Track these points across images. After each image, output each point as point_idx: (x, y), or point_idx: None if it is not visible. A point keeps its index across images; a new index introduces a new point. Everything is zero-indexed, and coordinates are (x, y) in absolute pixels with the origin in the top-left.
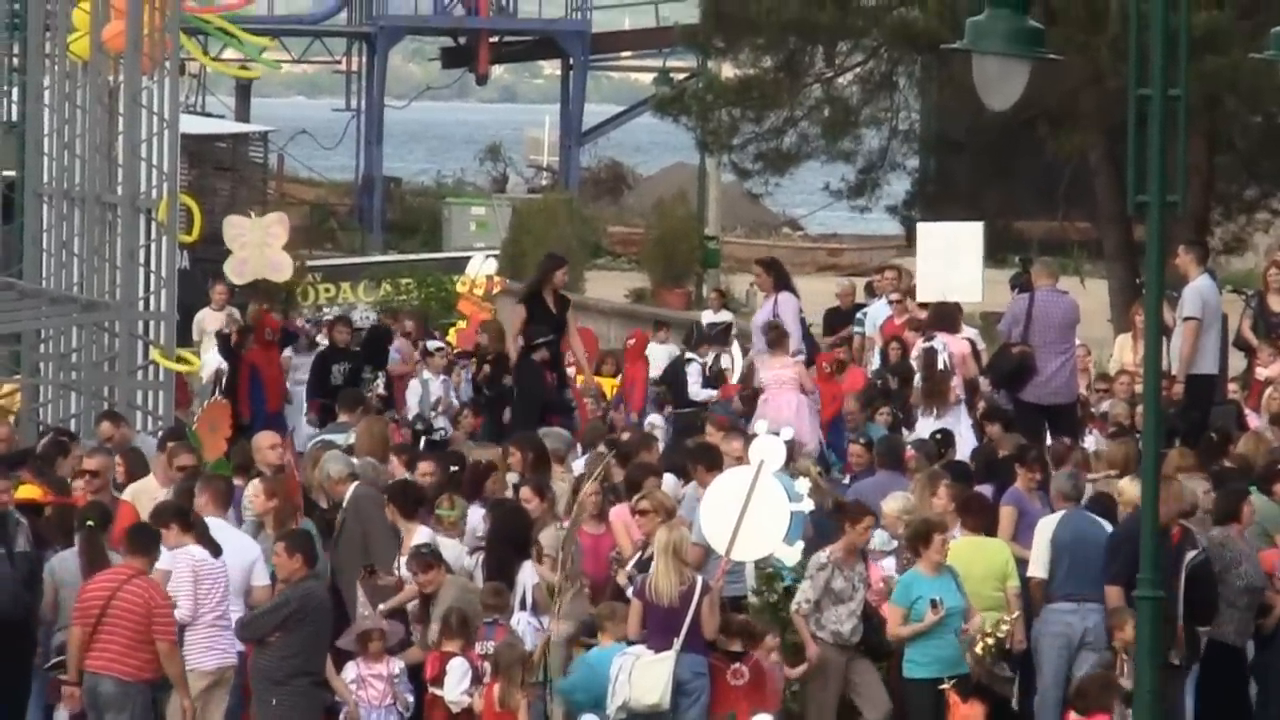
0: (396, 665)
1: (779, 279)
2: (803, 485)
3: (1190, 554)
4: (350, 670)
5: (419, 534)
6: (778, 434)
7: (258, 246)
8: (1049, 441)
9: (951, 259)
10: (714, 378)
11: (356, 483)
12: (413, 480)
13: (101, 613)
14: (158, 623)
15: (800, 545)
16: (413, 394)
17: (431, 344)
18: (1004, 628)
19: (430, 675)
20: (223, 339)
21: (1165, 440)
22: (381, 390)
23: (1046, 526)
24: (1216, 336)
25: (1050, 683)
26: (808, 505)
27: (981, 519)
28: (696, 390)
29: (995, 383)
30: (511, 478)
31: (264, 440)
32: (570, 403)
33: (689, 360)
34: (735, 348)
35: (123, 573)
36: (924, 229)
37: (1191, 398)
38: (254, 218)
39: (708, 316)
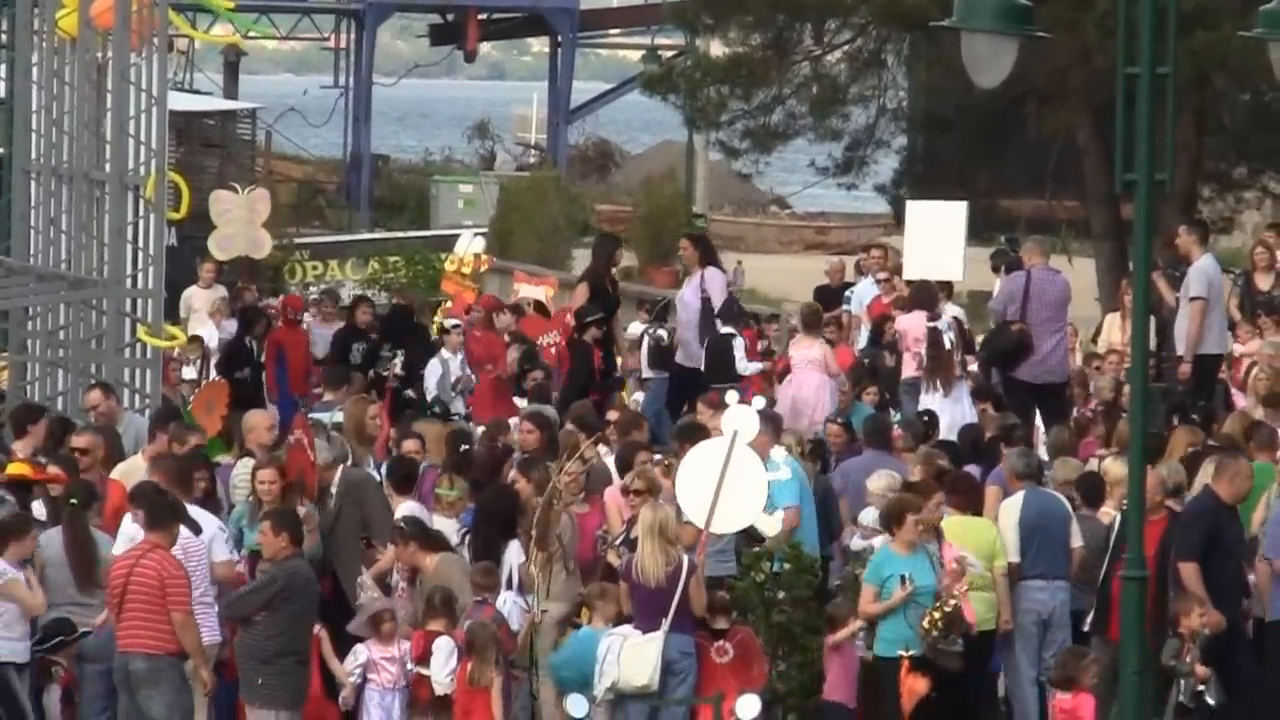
0: (405, 645)
1: (705, 254)
2: (779, 454)
3: None
4: (360, 654)
5: (402, 508)
6: (749, 404)
7: (244, 223)
8: (1038, 420)
9: (937, 238)
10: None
11: (343, 466)
12: (407, 457)
13: (124, 590)
14: (171, 593)
15: (780, 514)
16: (431, 374)
17: (448, 321)
18: (952, 603)
19: (416, 655)
20: (244, 320)
21: (1168, 419)
22: (399, 370)
23: (1012, 508)
24: (1221, 316)
25: (1025, 662)
26: (785, 474)
27: (968, 498)
28: (744, 365)
29: (989, 360)
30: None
31: (260, 420)
32: (616, 382)
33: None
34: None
35: (140, 548)
36: (913, 207)
37: (1199, 378)
38: (240, 193)
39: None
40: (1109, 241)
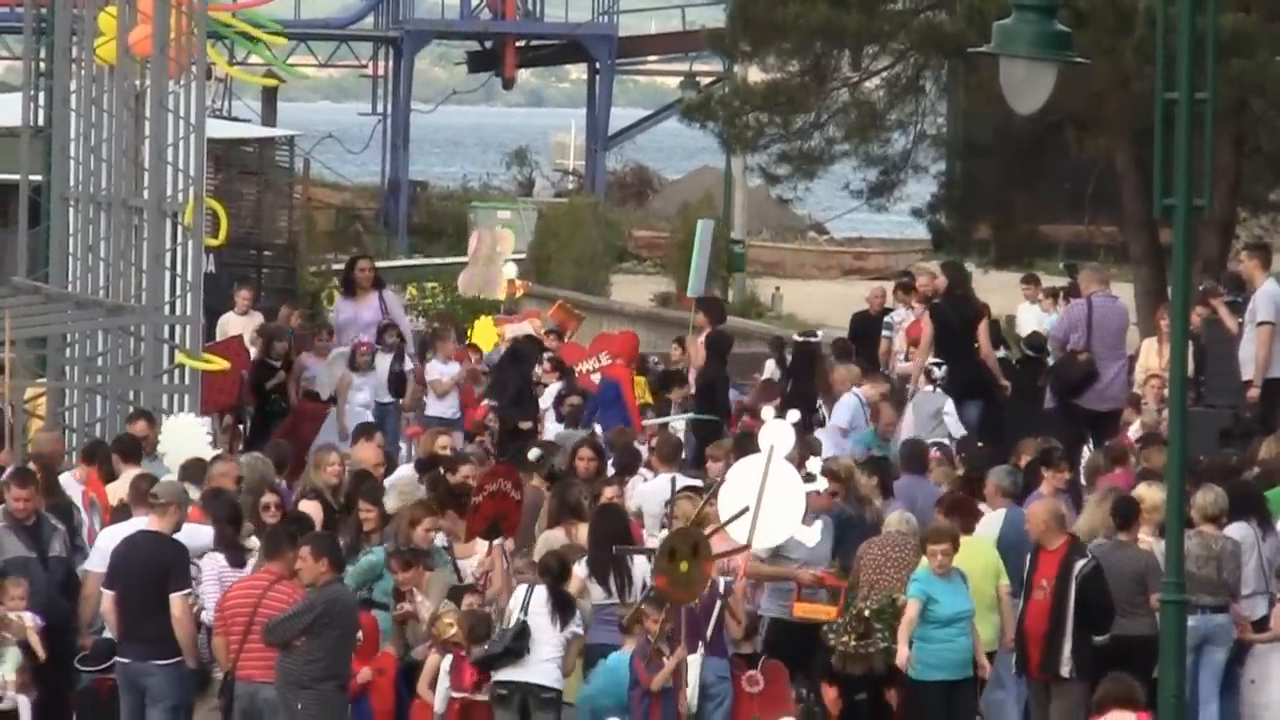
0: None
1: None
2: (814, 464)
3: (1079, 563)
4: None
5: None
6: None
7: (484, 262)
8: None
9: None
10: None
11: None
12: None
13: (249, 621)
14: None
15: (819, 525)
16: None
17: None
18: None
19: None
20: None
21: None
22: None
23: (991, 526)
24: None
25: (1010, 681)
26: (822, 484)
27: (969, 520)
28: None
29: (1059, 391)
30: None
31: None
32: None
33: None
34: None
35: (263, 579)
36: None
37: (1269, 401)
38: (492, 231)
39: None
40: (1147, 266)
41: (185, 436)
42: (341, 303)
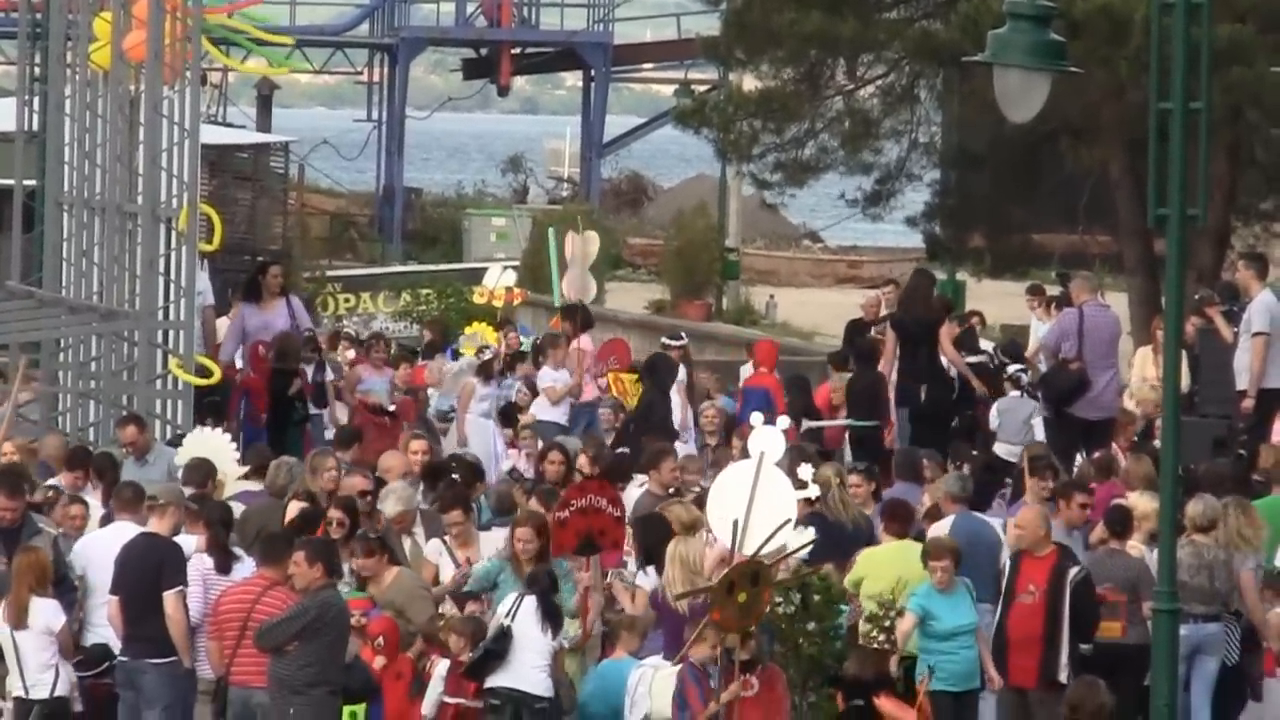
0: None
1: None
2: (805, 471)
3: (1073, 570)
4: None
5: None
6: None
7: (579, 265)
8: (1078, 458)
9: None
10: None
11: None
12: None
13: (244, 625)
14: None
15: (811, 531)
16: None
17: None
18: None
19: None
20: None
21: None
22: None
23: (940, 531)
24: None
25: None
26: (813, 491)
27: (906, 525)
28: None
29: (1049, 399)
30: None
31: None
32: None
33: None
34: None
35: (257, 584)
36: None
37: (1262, 413)
38: (582, 233)
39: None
40: (1141, 276)
41: (211, 450)
42: (248, 309)
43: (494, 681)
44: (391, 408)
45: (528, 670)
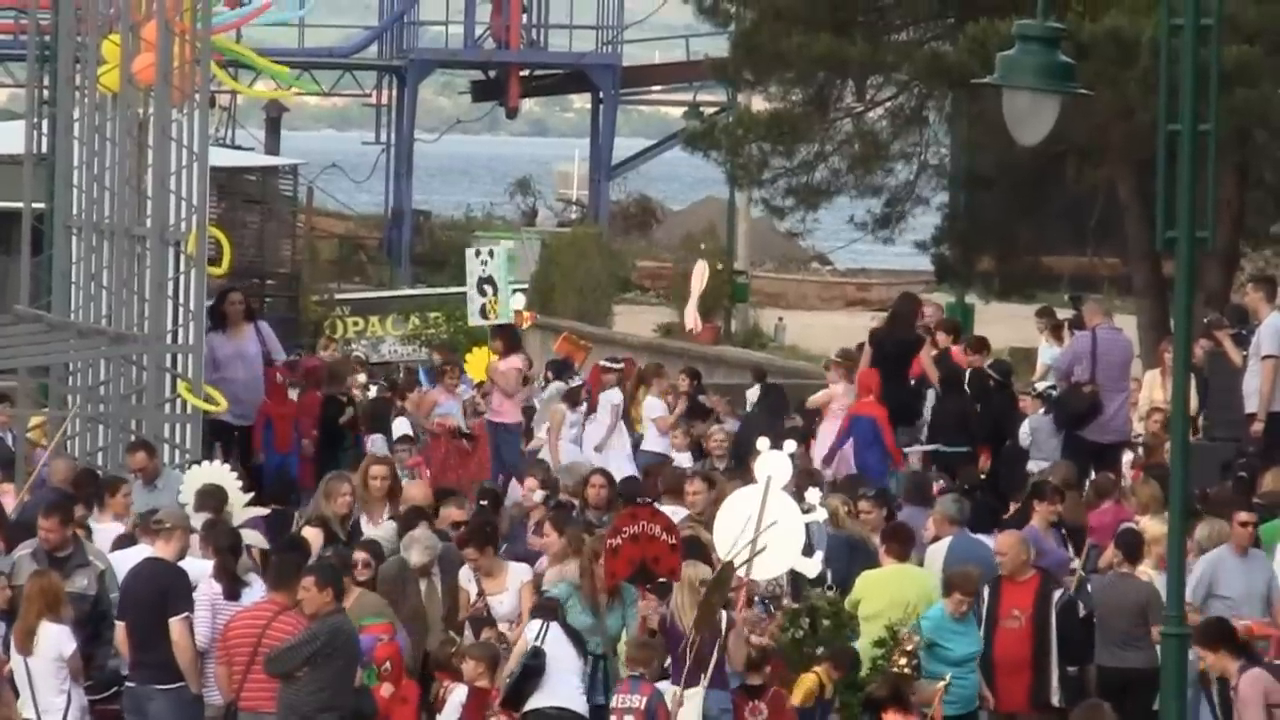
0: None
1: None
2: (813, 495)
3: (1057, 594)
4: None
5: None
6: (779, 449)
7: (695, 293)
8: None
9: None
10: None
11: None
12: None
13: (254, 651)
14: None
15: (819, 556)
16: None
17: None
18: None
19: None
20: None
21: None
22: None
23: (937, 554)
24: None
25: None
26: (820, 514)
27: (906, 548)
28: None
29: (1061, 422)
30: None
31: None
32: None
33: None
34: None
35: (267, 609)
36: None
37: (1272, 436)
38: (700, 263)
39: None
40: (1150, 299)
41: (214, 481)
42: (217, 338)
43: (536, 703)
44: (469, 430)
45: (570, 690)
